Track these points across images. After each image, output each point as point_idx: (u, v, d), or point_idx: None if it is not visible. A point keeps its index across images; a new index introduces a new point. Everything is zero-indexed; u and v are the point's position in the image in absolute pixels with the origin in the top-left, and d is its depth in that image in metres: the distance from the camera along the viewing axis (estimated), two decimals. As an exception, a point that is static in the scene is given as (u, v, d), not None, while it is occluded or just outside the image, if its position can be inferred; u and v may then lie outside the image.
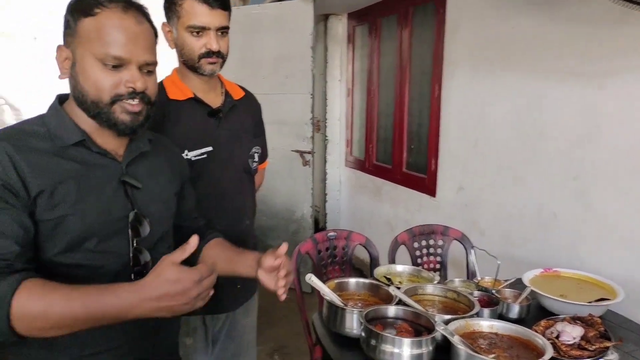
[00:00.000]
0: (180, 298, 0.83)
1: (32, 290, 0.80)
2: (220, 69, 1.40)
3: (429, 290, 1.61)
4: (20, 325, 0.80)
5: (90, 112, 0.95)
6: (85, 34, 0.92)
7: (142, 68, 0.96)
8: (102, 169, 0.98)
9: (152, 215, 1.04)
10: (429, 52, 3.17)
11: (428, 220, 3.02)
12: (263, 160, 1.72)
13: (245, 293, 1.57)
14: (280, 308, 3.45)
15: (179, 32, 1.35)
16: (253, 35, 3.66)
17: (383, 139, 3.98)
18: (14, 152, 0.87)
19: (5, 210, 0.85)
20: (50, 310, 0.80)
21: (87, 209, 0.93)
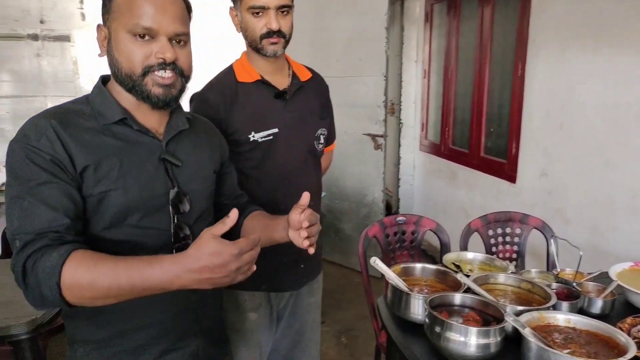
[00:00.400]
0: (220, 271, 0.83)
1: (81, 260, 0.83)
2: (283, 49, 1.39)
3: (501, 279, 1.52)
4: (70, 294, 0.82)
5: (126, 86, 0.97)
6: (117, 8, 0.95)
7: (172, 39, 0.97)
8: (143, 147, 1.00)
9: (192, 192, 1.06)
10: (512, 29, 2.97)
11: (506, 208, 2.85)
12: (330, 143, 1.71)
13: (309, 273, 1.58)
14: (349, 291, 3.47)
15: (242, 15, 1.36)
16: (326, 17, 3.64)
17: (460, 122, 3.82)
18: (60, 128, 0.91)
19: (55, 184, 0.88)
20: (97, 280, 0.82)
21: (128, 184, 0.95)
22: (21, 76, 3.28)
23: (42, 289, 0.82)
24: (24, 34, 3.24)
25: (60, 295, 0.82)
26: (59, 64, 3.31)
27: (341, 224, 3.85)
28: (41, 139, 0.89)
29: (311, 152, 1.52)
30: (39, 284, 0.82)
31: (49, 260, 0.81)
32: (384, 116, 3.48)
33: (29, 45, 3.26)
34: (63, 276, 0.81)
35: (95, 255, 0.85)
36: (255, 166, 1.44)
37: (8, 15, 3.18)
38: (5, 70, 3.25)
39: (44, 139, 0.89)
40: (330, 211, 3.86)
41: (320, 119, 1.55)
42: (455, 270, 1.62)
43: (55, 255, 0.82)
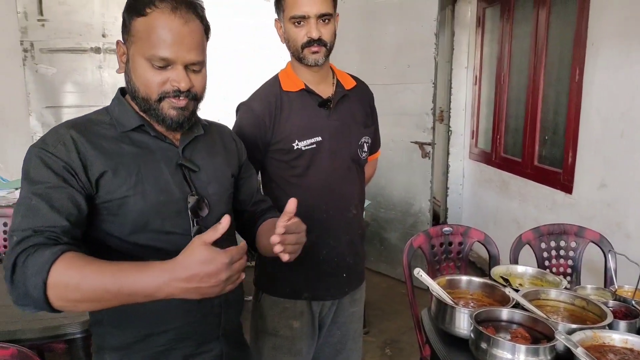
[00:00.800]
0: (209, 280, 0.80)
1: (70, 261, 0.81)
2: (324, 57, 1.39)
3: (552, 295, 1.45)
4: (54, 294, 0.80)
5: (141, 107, 1.01)
6: (137, 33, 0.96)
7: (188, 67, 0.98)
8: (160, 153, 1.03)
9: (209, 196, 1.07)
10: (569, 32, 2.84)
11: (561, 220, 2.73)
12: (375, 151, 1.70)
13: (351, 282, 1.57)
14: (394, 301, 3.41)
15: (285, 26, 1.38)
16: (374, 24, 3.63)
17: (513, 130, 3.69)
18: (79, 136, 0.94)
19: (62, 189, 0.89)
20: (83, 282, 0.80)
21: (147, 190, 0.97)
22: (84, 87, 3.48)
23: (27, 286, 0.80)
24: (87, 47, 3.44)
25: (45, 295, 0.80)
26: (119, 75, 3.48)
27: (387, 234, 3.81)
28: (58, 145, 0.92)
29: (355, 161, 1.52)
30: (25, 281, 0.80)
31: (40, 257, 0.81)
32: (432, 124, 3.42)
33: (92, 58, 3.46)
34: (50, 275, 0.79)
35: (86, 258, 0.84)
36: (300, 174, 1.45)
37: (74, 30, 3.39)
38: (70, 82, 3.47)
39: (61, 146, 0.92)
40: (376, 220, 3.83)
41: (364, 127, 1.55)
42: (503, 284, 1.56)
43: (47, 254, 0.81)
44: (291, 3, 1.34)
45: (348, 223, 1.52)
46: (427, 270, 2.01)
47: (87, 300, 0.82)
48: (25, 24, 3.33)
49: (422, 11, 3.35)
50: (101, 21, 3.41)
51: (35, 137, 3.46)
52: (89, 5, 3.39)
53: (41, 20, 3.35)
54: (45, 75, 3.42)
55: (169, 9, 0.95)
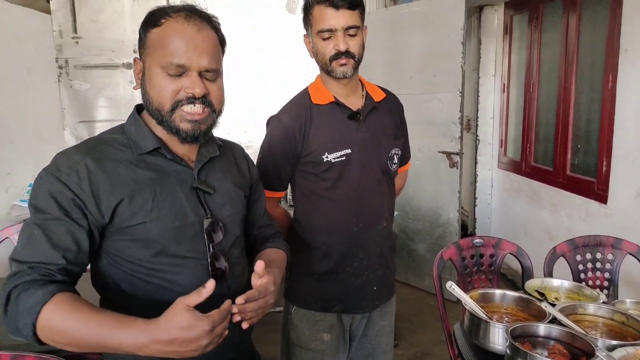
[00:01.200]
0: (188, 345, 0.81)
1: (59, 305, 0.83)
2: (352, 69, 1.39)
3: (590, 310, 1.41)
4: (42, 334, 0.83)
5: (156, 119, 0.99)
6: (152, 44, 0.97)
7: (203, 74, 0.98)
8: (175, 176, 1.01)
9: (224, 218, 1.06)
10: (601, 39, 2.78)
11: (596, 231, 2.65)
12: (404, 162, 1.69)
13: (381, 295, 1.56)
14: (424, 314, 3.37)
15: (314, 40, 1.40)
16: (400, 35, 3.63)
17: (543, 138, 3.61)
18: (94, 166, 0.93)
19: (65, 223, 0.89)
20: (69, 330, 0.82)
21: (162, 215, 0.97)
22: (115, 101, 3.58)
23: (18, 323, 0.83)
24: (119, 63, 3.54)
25: (34, 334, 0.83)
26: (148, 89, 3.58)
27: (415, 245, 3.77)
28: (71, 173, 0.92)
29: (385, 173, 1.51)
30: (16, 317, 0.83)
31: (32, 296, 0.82)
32: (459, 133, 3.38)
33: (123, 74, 3.55)
34: (40, 317, 0.82)
35: (75, 303, 0.84)
36: (330, 187, 1.45)
37: (106, 46, 3.50)
38: (102, 97, 3.57)
39: (74, 174, 0.92)
40: (404, 231, 3.79)
41: (394, 138, 1.54)
42: (539, 298, 1.53)
43: (39, 294, 0.82)
44: (318, 18, 1.35)
45: (378, 235, 1.51)
46: (458, 282, 1.97)
47: (74, 346, 0.84)
48: (60, 42, 3.46)
49: (448, 20, 3.33)
50: (132, 37, 3.51)
51: (69, 151, 3.58)
52: (121, 22, 3.49)
53: (75, 38, 3.47)
54: (79, 91, 3.53)
55: (183, 17, 0.97)
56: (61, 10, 3.42)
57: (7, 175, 3.01)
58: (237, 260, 1.10)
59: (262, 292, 0.97)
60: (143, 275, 0.98)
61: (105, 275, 1.00)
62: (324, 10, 1.33)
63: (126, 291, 0.98)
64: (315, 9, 1.36)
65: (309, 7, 1.38)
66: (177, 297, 0.85)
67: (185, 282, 0.98)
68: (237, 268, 1.09)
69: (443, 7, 3.36)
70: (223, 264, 1.04)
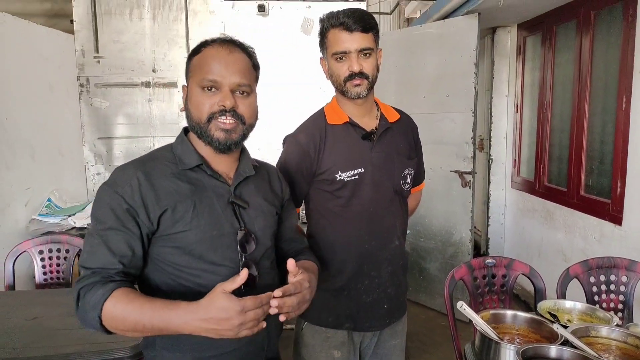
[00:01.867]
0: (224, 324, 0.93)
1: (118, 298, 0.98)
2: (367, 90, 1.43)
3: (603, 332, 1.40)
4: (107, 324, 0.99)
5: (196, 132, 1.13)
6: (193, 68, 1.14)
7: (235, 90, 1.12)
8: (214, 190, 1.14)
9: (256, 231, 1.18)
10: (615, 60, 2.79)
11: (611, 252, 2.63)
12: (418, 183, 1.71)
13: (392, 313, 1.57)
14: (435, 334, 3.33)
15: (329, 62, 1.44)
16: (413, 55, 3.68)
17: (557, 158, 3.60)
18: (144, 179, 1.07)
19: (121, 232, 1.04)
20: (127, 317, 0.97)
21: (201, 224, 1.09)
22: (134, 119, 3.67)
23: (87, 317, 1.00)
24: (138, 82, 3.64)
25: (101, 325, 0.99)
26: (166, 107, 3.66)
27: (426, 264, 3.75)
28: (125, 186, 1.06)
29: (397, 192, 1.53)
30: (85, 312, 1.00)
31: (94, 295, 0.98)
32: (472, 153, 3.39)
33: (142, 92, 3.65)
34: (103, 311, 0.98)
35: (130, 295, 1.00)
36: (343, 204, 1.47)
37: (126, 66, 3.60)
38: (121, 114, 3.66)
39: (127, 187, 1.06)
40: (415, 250, 3.78)
41: (408, 159, 1.56)
42: (551, 319, 1.52)
43: (100, 293, 0.98)
44: (333, 41, 1.41)
45: (390, 254, 1.53)
46: (470, 303, 1.97)
47: (132, 330, 0.99)
48: (82, 61, 3.57)
49: (461, 41, 3.37)
50: (152, 57, 3.61)
51: (88, 167, 3.66)
52: (141, 42, 3.60)
53: (97, 57, 3.58)
54: (99, 108, 3.63)
55: (218, 44, 1.14)
56: (84, 31, 3.54)
57: (26, 190, 3.08)
58: (267, 270, 1.20)
59: (298, 288, 1.06)
60: (181, 280, 1.09)
61: (149, 279, 1.12)
62: (339, 34, 1.38)
63: (166, 293, 1.09)
64: (330, 32, 1.41)
65: (324, 31, 1.43)
66: None
67: None
68: (267, 277, 1.19)
69: (456, 28, 3.40)
70: (254, 272, 1.13)
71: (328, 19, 1.41)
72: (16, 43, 3.00)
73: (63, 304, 1.85)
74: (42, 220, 3.07)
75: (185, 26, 3.62)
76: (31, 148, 3.12)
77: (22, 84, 3.05)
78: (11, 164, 2.93)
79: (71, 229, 3.02)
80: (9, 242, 2.73)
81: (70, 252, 2.40)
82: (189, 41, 3.62)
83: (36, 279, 2.37)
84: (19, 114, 2.99)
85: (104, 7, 3.53)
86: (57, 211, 3.22)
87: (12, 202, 2.95)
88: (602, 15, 2.98)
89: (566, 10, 3.35)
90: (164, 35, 3.61)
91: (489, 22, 4.04)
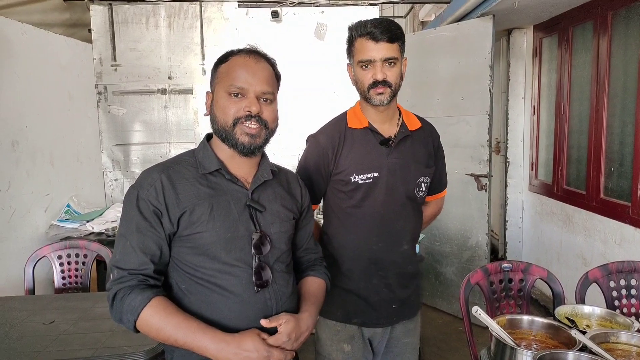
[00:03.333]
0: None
1: (156, 309, 1.06)
2: (389, 98, 1.46)
3: (623, 338, 1.36)
4: (141, 328, 1.08)
5: (220, 136, 1.18)
6: (220, 75, 1.20)
7: (260, 97, 1.18)
8: (231, 194, 1.19)
9: (272, 234, 1.21)
10: (633, 60, 2.74)
11: (632, 256, 2.57)
12: (439, 191, 1.74)
13: (402, 313, 1.59)
14: (452, 339, 3.30)
15: (355, 69, 1.49)
16: (428, 58, 3.66)
17: (575, 161, 3.54)
18: (167, 182, 1.13)
19: (150, 233, 1.11)
20: (162, 330, 1.06)
21: (216, 226, 1.13)
22: (150, 125, 3.72)
23: (122, 317, 1.07)
24: (154, 89, 3.69)
25: (134, 328, 1.08)
26: (182, 114, 3.71)
27: (442, 268, 3.72)
28: (150, 189, 1.12)
29: (410, 198, 1.56)
30: (121, 313, 1.07)
31: (134, 300, 1.05)
32: (488, 156, 3.35)
33: (158, 99, 3.70)
34: (140, 317, 1.06)
35: (168, 309, 1.08)
36: (356, 205, 1.52)
37: (143, 73, 3.66)
38: (138, 121, 3.72)
39: (152, 190, 1.12)
40: (431, 254, 3.75)
41: (425, 167, 1.59)
42: (569, 325, 1.49)
43: (139, 299, 1.06)
44: (360, 49, 1.45)
45: (399, 257, 1.56)
46: (486, 308, 1.94)
47: (164, 341, 1.08)
48: (100, 69, 3.64)
49: (476, 44, 3.34)
50: (167, 65, 3.67)
51: (106, 173, 3.72)
52: (157, 50, 3.66)
53: (114, 65, 3.64)
54: (117, 116, 3.69)
55: (245, 53, 1.21)
56: (102, 40, 3.62)
57: (46, 196, 3.15)
58: (281, 273, 1.23)
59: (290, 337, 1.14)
60: (198, 279, 1.14)
61: (169, 277, 1.18)
62: (365, 43, 1.43)
63: (185, 291, 1.15)
64: (357, 41, 1.45)
65: (352, 39, 1.48)
66: (224, 299, 1.12)
67: (231, 288, 1.14)
68: (281, 280, 1.23)
69: (471, 31, 3.38)
70: (268, 274, 1.18)
71: (356, 28, 1.46)
72: (36, 53, 3.07)
73: (79, 309, 1.88)
74: (61, 226, 3.13)
75: (200, 33, 3.67)
76: (50, 155, 3.19)
77: (41, 92, 3.12)
78: (31, 171, 2.99)
79: (89, 234, 3.07)
80: (29, 248, 2.79)
81: (89, 257, 2.43)
82: (204, 48, 3.67)
83: (55, 283, 2.41)
84: (38, 122, 3.06)
85: (120, 16, 3.60)
86: (75, 217, 3.28)
87: (32, 208, 3.02)
88: (620, 15, 2.93)
89: (582, 10, 3.30)
90: (179, 43, 3.66)
91: (504, 24, 4.00)
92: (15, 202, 2.85)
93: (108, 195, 3.74)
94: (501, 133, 4.53)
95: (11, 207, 2.81)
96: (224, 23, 3.69)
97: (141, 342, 1.53)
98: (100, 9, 3.58)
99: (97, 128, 3.70)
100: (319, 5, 3.72)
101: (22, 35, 2.95)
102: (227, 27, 3.69)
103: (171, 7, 3.63)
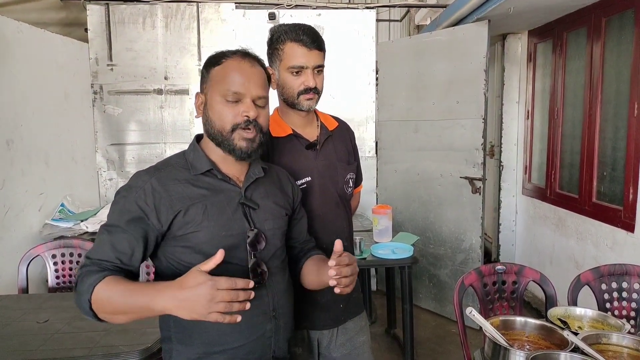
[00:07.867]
0: (194, 297, 0.95)
1: (107, 283, 1.04)
2: (316, 104, 1.49)
3: (614, 339, 1.38)
4: (96, 307, 1.04)
5: (216, 140, 1.18)
6: (214, 78, 1.18)
7: (255, 101, 1.17)
8: (224, 193, 1.19)
9: (266, 231, 1.22)
10: (626, 66, 2.78)
11: (623, 260, 2.60)
12: (358, 185, 1.76)
13: (349, 311, 1.60)
14: (445, 341, 3.31)
15: (281, 74, 1.46)
16: (423, 62, 3.68)
17: (568, 165, 3.58)
18: (157, 184, 1.13)
19: (126, 234, 1.10)
20: (112, 298, 1.03)
21: (211, 225, 1.14)
22: (146, 125, 3.72)
23: (81, 301, 1.05)
24: (150, 89, 3.69)
25: (91, 309, 1.04)
26: (178, 114, 3.71)
27: (436, 270, 3.73)
28: (139, 191, 1.12)
29: (342, 196, 1.60)
30: (80, 296, 1.05)
31: (88, 280, 1.04)
32: (482, 159, 3.37)
33: (154, 99, 3.70)
34: (93, 294, 1.03)
35: (119, 280, 1.05)
36: None
37: (139, 73, 3.66)
38: (134, 121, 3.71)
39: (141, 192, 1.12)
40: (424, 256, 3.77)
41: (348, 164, 1.63)
42: (561, 326, 1.51)
43: (93, 277, 1.05)
44: (290, 54, 1.42)
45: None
46: (480, 309, 1.96)
47: (118, 312, 1.04)
48: (96, 69, 3.63)
49: (471, 48, 3.37)
50: (164, 65, 3.67)
51: (100, 173, 3.71)
52: (154, 50, 3.66)
53: (110, 65, 3.64)
54: (112, 115, 3.69)
55: (239, 57, 1.19)
56: (98, 39, 3.61)
57: (40, 195, 3.13)
58: (276, 269, 1.24)
59: (345, 260, 1.14)
60: None
61: (164, 274, 1.18)
62: (297, 48, 1.41)
63: None
64: (287, 45, 1.43)
65: (279, 41, 1.45)
66: None
67: None
68: (277, 276, 1.24)
69: (466, 35, 3.40)
70: (264, 269, 1.19)
71: (285, 32, 1.43)
72: (32, 52, 3.06)
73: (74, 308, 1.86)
74: (55, 225, 3.12)
75: (197, 34, 3.67)
76: (45, 154, 3.18)
77: (37, 91, 3.10)
78: (26, 170, 2.98)
79: (83, 234, 3.06)
80: (23, 247, 2.78)
81: (83, 256, 2.43)
82: (200, 49, 3.67)
83: (49, 282, 2.40)
84: (34, 121, 3.05)
85: (117, 16, 3.60)
86: (70, 216, 3.26)
87: (26, 207, 3.00)
88: (613, 21, 2.97)
89: (577, 17, 3.34)
90: (176, 43, 3.67)
91: (499, 29, 4.04)
92: (10, 201, 2.83)
93: (102, 195, 3.74)
94: (495, 137, 4.57)
95: (5, 205, 2.80)
96: (221, 24, 3.70)
97: (136, 342, 1.53)
98: (96, 9, 3.58)
99: (92, 127, 3.69)
100: (315, 8, 3.74)
101: (18, 34, 2.94)
102: (224, 29, 3.70)
103: (168, 8, 3.63)
